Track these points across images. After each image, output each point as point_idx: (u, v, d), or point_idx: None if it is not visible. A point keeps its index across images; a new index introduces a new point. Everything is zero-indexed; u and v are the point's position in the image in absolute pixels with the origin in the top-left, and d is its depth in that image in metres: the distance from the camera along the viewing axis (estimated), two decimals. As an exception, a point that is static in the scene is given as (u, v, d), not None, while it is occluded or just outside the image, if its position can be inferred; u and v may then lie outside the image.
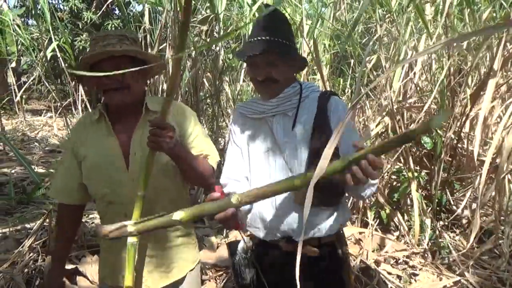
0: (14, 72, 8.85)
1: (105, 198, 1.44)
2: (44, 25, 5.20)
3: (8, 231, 3.05)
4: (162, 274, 1.50)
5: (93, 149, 1.44)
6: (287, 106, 1.41)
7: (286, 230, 1.41)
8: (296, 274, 1.42)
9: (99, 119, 1.46)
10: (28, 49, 5.78)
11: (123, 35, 1.39)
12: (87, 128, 1.48)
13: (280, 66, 1.36)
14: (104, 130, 1.44)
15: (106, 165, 1.42)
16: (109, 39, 1.36)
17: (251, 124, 1.48)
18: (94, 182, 1.45)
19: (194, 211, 1.10)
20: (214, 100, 4.24)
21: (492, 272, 2.71)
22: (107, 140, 1.43)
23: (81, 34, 10.44)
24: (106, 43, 1.35)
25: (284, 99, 1.40)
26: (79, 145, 1.46)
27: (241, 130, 1.51)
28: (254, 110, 1.46)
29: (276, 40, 1.34)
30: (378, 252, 3.00)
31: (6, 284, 2.42)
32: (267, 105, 1.42)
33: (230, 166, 1.53)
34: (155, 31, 4.10)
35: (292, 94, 1.41)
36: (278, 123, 1.42)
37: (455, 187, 3.40)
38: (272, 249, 1.45)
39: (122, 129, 1.44)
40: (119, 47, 1.34)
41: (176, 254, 1.52)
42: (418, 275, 2.73)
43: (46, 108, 9.57)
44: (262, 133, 1.44)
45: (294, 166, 1.37)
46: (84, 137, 1.47)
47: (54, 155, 5.77)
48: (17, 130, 7.71)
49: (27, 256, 2.70)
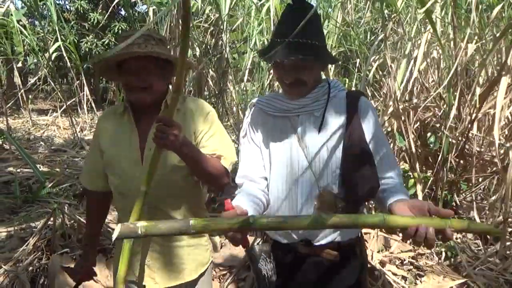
0: (21, 72, 8.91)
1: (117, 190, 1.50)
2: (51, 25, 5.24)
3: (13, 230, 3.06)
4: (171, 273, 1.50)
5: (113, 140, 1.49)
6: (315, 106, 1.34)
7: (305, 234, 1.35)
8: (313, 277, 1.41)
9: (123, 112, 1.50)
10: (34, 50, 5.82)
11: (149, 36, 1.40)
12: (111, 120, 1.53)
13: (310, 69, 1.29)
14: (126, 124, 1.48)
15: (122, 157, 1.46)
16: (141, 38, 1.38)
17: (273, 122, 1.40)
18: (110, 173, 1.50)
19: (208, 223, 1.03)
20: (218, 100, 4.24)
21: (499, 274, 2.68)
22: (128, 133, 1.47)
23: (87, 36, 10.49)
24: (132, 43, 1.37)
25: (313, 98, 1.34)
26: (102, 136, 1.52)
27: (261, 128, 1.43)
28: (277, 107, 1.38)
29: (310, 43, 1.24)
30: (384, 252, 2.97)
31: (11, 283, 2.42)
32: (293, 104, 1.35)
33: (246, 165, 1.45)
34: (161, 31, 4.11)
35: (321, 94, 1.35)
36: (303, 123, 1.35)
37: (461, 187, 3.37)
38: (289, 252, 1.39)
39: (143, 124, 1.46)
40: (144, 46, 1.36)
41: (188, 254, 1.51)
42: (424, 276, 2.70)
43: (52, 107, 9.62)
44: (286, 132, 1.37)
45: (322, 169, 1.31)
46: (107, 129, 1.52)
47: (59, 154, 5.79)
48: (23, 129, 7.76)
49: (32, 255, 2.70)
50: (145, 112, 1.46)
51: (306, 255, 1.38)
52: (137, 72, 1.37)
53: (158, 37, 1.44)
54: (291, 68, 1.28)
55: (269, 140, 1.40)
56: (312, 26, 1.26)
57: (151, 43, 1.39)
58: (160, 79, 1.42)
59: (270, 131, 1.41)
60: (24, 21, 5.73)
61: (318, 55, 1.27)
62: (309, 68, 1.28)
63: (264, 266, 1.24)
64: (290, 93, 1.35)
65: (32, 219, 3.27)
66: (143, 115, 1.47)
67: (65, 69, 8.47)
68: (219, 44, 4.13)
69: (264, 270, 1.24)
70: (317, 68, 1.34)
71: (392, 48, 3.43)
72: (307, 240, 1.36)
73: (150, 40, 1.39)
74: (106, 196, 1.64)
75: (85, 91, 5.70)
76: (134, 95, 1.41)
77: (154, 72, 1.39)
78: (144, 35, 1.39)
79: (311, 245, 1.35)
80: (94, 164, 1.57)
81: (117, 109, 1.53)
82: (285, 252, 1.39)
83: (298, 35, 1.17)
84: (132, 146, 1.45)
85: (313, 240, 1.35)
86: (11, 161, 4.98)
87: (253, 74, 4.63)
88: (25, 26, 5.75)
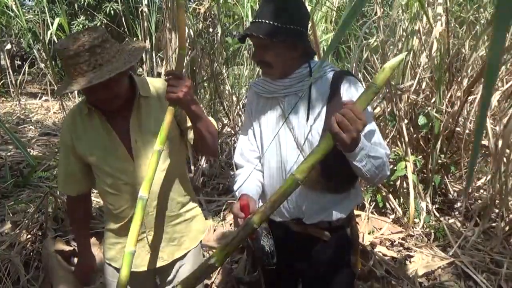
0: (8, 55, 8.72)
1: (110, 188, 1.45)
2: (37, 5, 5.11)
3: (5, 214, 3.06)
4: (175, 247, 1.56)
5: (92, 144, 1.42)
6: (299, 87, 1.36)
7: (296, 213, 1.40)
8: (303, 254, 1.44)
9: (89, 113, 1.42)
10: (30, 30, 5.66)
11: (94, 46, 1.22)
12: (79, 123, 1.44)
13: (272, 49, 1.31)
14: (99, 124, 1.42)
15: (110, 157, 1.41)
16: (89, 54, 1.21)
17: (264, 103, 1.46)
18: (100, 173, 1.45)
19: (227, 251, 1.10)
20: (211, 83, 4.21)
21: (486, 253, 2.75)
22: (105, 134, 1.41)
23: (78, 17, 10.27)
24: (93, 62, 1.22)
25: (296, 79, 1.36)
26: (75, 140, 1.44)
27: (254, 108, 1.50)
28: (266, 89, 1.43)
29: (267, 23, 1.28)
30: (374, 234, 3.03)
31: (4, 266, 2.43)
32: (278, 85, 1.38)
33: (245, 146, 1.53)
34: (153, 14, 4.04)
35: (305, 75, 1.36)
36: (290, 104, 1.38)
37: (451, 170, 3.42)
38: (282, 229, 1.45)
39: (116, 119, 1.42)
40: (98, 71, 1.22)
41: (186, 227, 1.58)
42: (413, 257, 2.76)
43: (42, 91, 9.47)
44: (274, 113, 1.42)
45: (306, 149, 1.35)
46: (79, 132, 1.44)
47: (49, 138, 5.74)
48: (12, 113, 7.65)
49: (25, 238, 2.71)
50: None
51: (298, 233, 1.44)
52: (106, 88, 1.28)
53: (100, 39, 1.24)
54: (256, 48, 1.36)
55: (261, 120, 1.45)
56: (287, 8, 1.31)
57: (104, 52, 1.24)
58: (121, 84, 1.35)
59: (262, 112, 1.46)
60: (11, 1, 5.55)
61: (276, 36, 1.27)
62: (269, 48, 1.31)
63: (266, 242, 1.29)
64: (263, 74, 1.42)
65: (24, 203, 3.26)
66: (110, 111, 1.41)
67: (55, 52, 8.29)
68: (211, 27, 4.08)
69: (267, 246, 1.28)
70: (283, 49, 1.32)
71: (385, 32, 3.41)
72: (299, 219, 1.41)
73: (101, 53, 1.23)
74: (88, 196, 1.63)
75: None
76: (106, 107, 1.36)
77: (115, 84, 1.30)
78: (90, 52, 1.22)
79: (302, 223, 1.40)
80: (71, 170, 1.50)
81: (80, 111, 1.44)
82: (279, 230, 1.43)
83: (264, 16, 1.29)
84: (115, 145, 1.41)
85: (304, 219, 1.40)
86: (0, 146, 4.93)
87: (245, 57, 4.60)
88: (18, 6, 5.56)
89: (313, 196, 1.37)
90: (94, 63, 1.23)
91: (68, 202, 1.64)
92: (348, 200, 1.43)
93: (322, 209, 1.39)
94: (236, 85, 4.59)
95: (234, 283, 2.52)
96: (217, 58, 4.08)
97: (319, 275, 1.48)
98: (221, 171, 4.24)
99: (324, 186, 1.35)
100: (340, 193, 1.40)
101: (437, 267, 2.64)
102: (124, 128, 1.41)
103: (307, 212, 1.39)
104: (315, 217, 1.39)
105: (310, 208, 1.38)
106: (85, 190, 1.57)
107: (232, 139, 4.50)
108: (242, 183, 1.43)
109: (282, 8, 1.30)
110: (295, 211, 1.40)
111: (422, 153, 3.47)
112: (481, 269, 2.61)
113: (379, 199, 3.27)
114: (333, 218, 1.40)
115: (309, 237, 1.43)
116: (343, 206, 1.41)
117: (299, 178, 1.04)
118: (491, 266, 2.63)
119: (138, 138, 1.41)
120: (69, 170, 1.50)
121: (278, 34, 1.28)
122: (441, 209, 3.35)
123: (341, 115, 1.03)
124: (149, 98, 1.44)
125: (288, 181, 1.06)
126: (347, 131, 1.02)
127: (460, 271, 2.60)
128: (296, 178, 1.04)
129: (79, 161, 1.47)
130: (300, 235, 1.44)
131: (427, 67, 3.31)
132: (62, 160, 1.52)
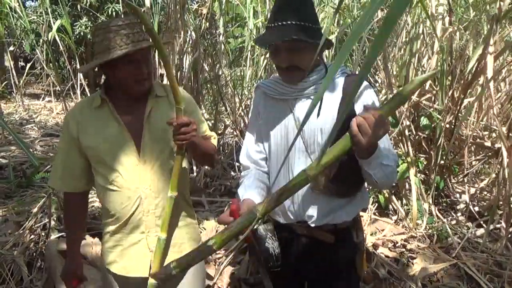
0: (12, 56, 8.76)
1: (114, 184, 1.43)
2: (41, 6, 5.13)
3: (8, 214, 3.07)
4: (176, 254, 1.51)
5: (99, 136, 1.42)
6: (311, 90, 1.33)
7: (302, 215, 1.39)
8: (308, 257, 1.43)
9: (101, 106, 1.43)
10: (28, 33, 5.70)
11: (132, 23, 1.36)
12: (87, 115, 1.44)
13: (305, 52, 1.26)
14: (108, 117, 1.42)
15: (117, 151, 1.41)
16: (129, 28, 1.34)
17: (273, 104, 1.42)
18: (102, 172, 1.44)
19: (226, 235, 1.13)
20: (214, 85, 4.22)
21: (489, 255, 2.74)
22: (113, 126, 1.41)
23: (81, 18, 10.31)
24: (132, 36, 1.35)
25: (311, 83, 1.33)
26: (79, 133, 1.43)
27: (262, 109, 1.46)
28: (278, 90, 1.39)
29: (302, 24, 1.23)
30: (376, 235, 3.02)
31: (8, 266, 2.43)
32: (292, 88, 1.35)
33: (251, 147, 1.51)
34: (155, 15, 4.05)
35: (319, 78, 1.34)
36: (301, 107, 1.35)
37: (454, 171, 3.41)
38: (286, 231, 1.43)
39: (126, 114, 1.43)
40: (142, 37, 1.36)
41: (186, 233, 1.57)
42: (416, 259, 2.76)
43: (45, 92, 9.50)
44: (284, 115, 1.38)
45: (315, 153, 1.33)
46: (86, 124, 1.43)
47: (52, 138, 5.76)
48: (15, 114, 7.68)
49: (28, 239, 2.72)
50: (125, 102, 1.44)
51: (303, 235, 1.43)
52: (143, 63, 1.37)
53: (135, 21, 1.38)
54: (286, 52, 1.27)
55: (269, 122, 1.43)
56: (307, 8, 1.27)
57: (141, 32, 1.37)
58: (152, 66, 1.44)
59: (270, 114, 1.43)
60: (14, 2, 5.58)
61: (312, 37, 1.24)
62: (303, 51, 1.26)
63: (271, 245, 1.26)
64: (286, 78, 1.35)
65: (27, 203, 3.27)
66: (122, 106, 1.43)
67: (57, 53, 8.32)
68: (213, 28, 4.09)
69: (271, 249, 1.26)
70: (312, 52, 1.28)
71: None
72: (303, 221, 1.39)
73: (136, 27, 1.36)
74: (85, 195, 1.60)
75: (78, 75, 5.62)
76: (138, 86, 1.39)
77: (149, 60, 1.41)
78: (126, 23, 1.35)
79: (307, 226, 1.39)
80: (71, 164, 1.48)
81: (91, 104, 1.45)
82: (284, 232, 1.41)
83: (292, 17, 1.22)
84: (124, 138, 1.41)
85: (309, 221, 1.38)
86: (4, 146, 4.95)
87: (247, 58, 4.61)
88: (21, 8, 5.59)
89: (319, 199, 1.36)
90: (138, 37, 1.35)
91: (64, 199, 1.61)
92: (354, 204, 1.41)
93: (328, 212, 1.37)
94: (238, 86, 4.60)
95: (236, 284, 2.52)
96: (219, 59, 4.09)
97: (324, 278, 1.47)
98: (223, 172, 4.25)
99: (332, 191, 1.34)
100: (347, 197, 1.38)
101: (440, 269, 2.63)
102: (134, 122, 1.42)
103: (312, 214, 1.37)
104: (321, 220, 1.37)
105: (316, 211, 1.37)
106: (81, 188, 1.53)
107: (234, 140, 4.51)
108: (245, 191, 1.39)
109: (304, 8, 1.26)
110: (300, 213, 1.39)
111: (425, 154, 3.46)
112: (484, 271, 2.59)
113: (382, 200, 3.26)
114: (338, 221, 1.39)
115: (314, 240, 1.41)
116: (349, 209, 1.39)
117: (310, 174, 1.03)
118: (494, 268, 2.61)
119: (147, 134, 1.43)
120: (68, 164, 1.48)
121: (315, 36, 1.25)
122: (444, 210, 3.34)
123: (363, 118, 1.00)
124: (161, 97, 1.48)
125: (298, 176, 1.05)
126: (366, 135, 1.00)
127: (463, 273, 2.59)
128: (307, 174, 1.03)
129: (80, 155, 1.46)
130: (305, 238, 1.43)
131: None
132: (62, 154, 1.50)
